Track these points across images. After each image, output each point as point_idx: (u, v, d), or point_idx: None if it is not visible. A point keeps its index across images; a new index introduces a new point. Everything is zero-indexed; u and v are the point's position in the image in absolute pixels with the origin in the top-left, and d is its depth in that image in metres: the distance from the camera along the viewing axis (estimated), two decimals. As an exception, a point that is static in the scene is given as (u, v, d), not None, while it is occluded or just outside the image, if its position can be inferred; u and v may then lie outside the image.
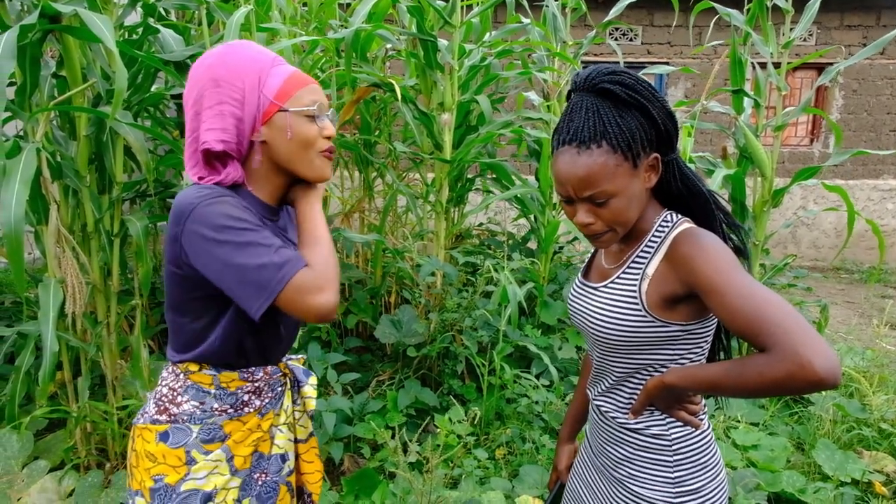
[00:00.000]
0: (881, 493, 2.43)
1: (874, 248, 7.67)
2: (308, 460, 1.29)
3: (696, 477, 1.09)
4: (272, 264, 0.94)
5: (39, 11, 1.79)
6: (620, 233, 1.06)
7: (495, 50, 3.48)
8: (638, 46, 7.65)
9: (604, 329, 1.08)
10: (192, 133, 1.05)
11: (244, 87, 1.02)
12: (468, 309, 3.00)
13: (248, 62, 1.03)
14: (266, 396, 1.18)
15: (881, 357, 3.73)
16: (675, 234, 1.02)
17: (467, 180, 3.93)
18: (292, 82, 1.05)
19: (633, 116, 0.99)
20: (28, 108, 2.05)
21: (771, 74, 3.35)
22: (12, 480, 2.19)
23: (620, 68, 1.02)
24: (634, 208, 1.04)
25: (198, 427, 1.10)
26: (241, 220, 0.96)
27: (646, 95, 1.00)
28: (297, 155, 1.06)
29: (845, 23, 7.61)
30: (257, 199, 1.09)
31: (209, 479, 1.10)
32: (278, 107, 1.03)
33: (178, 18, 3.07)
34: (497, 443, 2.68)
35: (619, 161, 0.99)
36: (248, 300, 0.95)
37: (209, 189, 1.00)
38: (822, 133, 7.87)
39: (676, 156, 1.07)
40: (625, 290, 1.06)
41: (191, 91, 1.04)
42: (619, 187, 1.00)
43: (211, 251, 0.95)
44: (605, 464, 1.18)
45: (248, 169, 1.08)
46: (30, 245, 2.91)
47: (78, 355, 2.46)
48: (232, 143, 1.04)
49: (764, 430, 2.85)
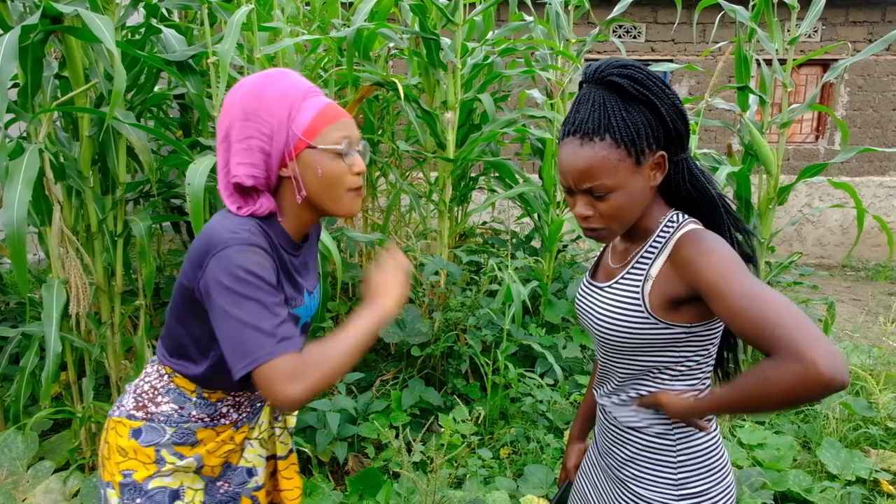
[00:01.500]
0: (888, 491, 2.41)
1: (880, 245, 7.63)
2: (287, 476, 1.29)
3: (700, 479, 1.07)
4: (270, 335, 0.93)
5: (41, 12, 1.79)
6: (617, 230, 1.04)
7: (498, 48, 3.47)
8: (642, 44, 7.62)
9: (607, 330, 1.07)
10: (224, 164, 1.05)
11: (273, 122, 1.01)
12: (472, 308, 3.00)
13: (278, 95, 1.02)
14: (244, 410, 1.19)
15: (888, 355, 3.71)
16: (679, 236, 1.00)
17: (471, 179, 3.92)
18: (322, 118, 1.03)
19: (639, 112, 0.97)
20: (31, 109, 2.05)
21: (776, 71, 3.33)
22: (17, 481, 2.19)
23: (632, 62, 0.99)
24: (635, 206, 1.01)
25: (172, 430, 1.11)
26: (260, 279, 0.95)
27: (655, 91, 0.97)
28: (325, 192, 1.05)
29: (851, 19, 7.56)
30: (284, 232, 1.08)
31: (175, 476, 1.11)
32: (306, 143, 1.02)
33: (180, 18, 3.06)
34: (501, 442, 2.67)
35: (622, 156, 0.97)
36: (232, 358, 0.94)
37: (246, 230, 0.99)
38: (827, 130, 7.83)
39: (687, 156, 1.04)
40: (628, 291, 1.04)
41: (223, 120, 1.04)
42: (618, 182, 0.98)
43: (221, 295, 0.94)
44: (609, 464, 1.17)
45: (279, 201, 1.08)
46: (33, 246, 2.92)
47: (82, 356, 2.46)
48: (261, 179, 1.03)
49: (770, 429, 2.83)
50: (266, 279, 0.96)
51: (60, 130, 2.43)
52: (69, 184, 2.25)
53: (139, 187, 2.56)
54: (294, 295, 1.11)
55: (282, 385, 0.91)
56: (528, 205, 3.63)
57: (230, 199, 1.05)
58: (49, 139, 2.19)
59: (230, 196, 1.05)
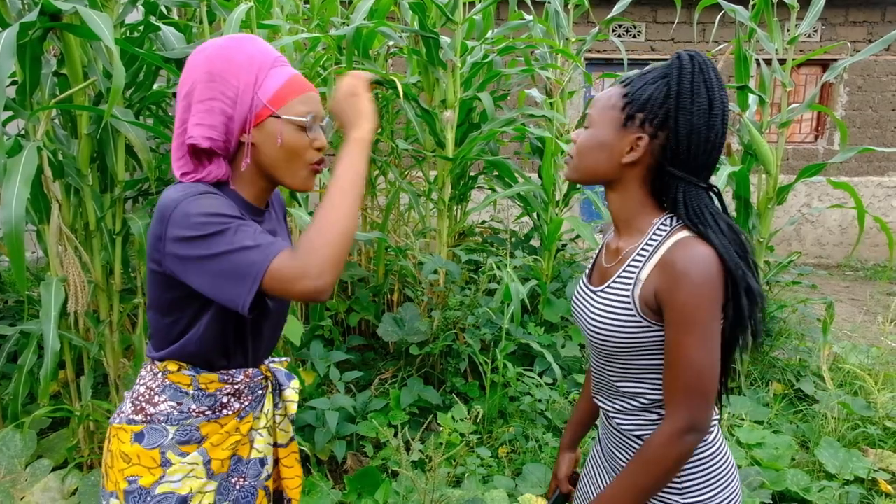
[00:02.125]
0: (886, 491, 2.42)
1: (879, 244, 7.63)
2: (288, 465, 1.27)
3: (706, 486, 1.06)
4: (253, 247, 0.90)
5: (40, 9, 1.78)
6: (576, 169, 1.09)
7: (498, 47, 3.47)
8: (641, 43, 7.62)
9: (599, 332, 1.07)
10: (181, 125, 1.02)
11: (239, 85, 0.99)
12: (471, 307, 3.00)
13: (246, 60, 1.00)
14: (246, 399, 1.16)
15: (886, 355, 3.72)
16: (670, 243, 1.00)
17: (470, 178, 3.92)
18: (289, 88, 1.02)
19: (658, 89, 0.99)
20: (29, 107, 2.04)
21: (776, 71, 3.33)
22: (16, 479, 2.19)
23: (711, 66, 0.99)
24: (596, 157, 1.05)
25: (174, 428, 1.08)
26: (220, 214, 0.93)
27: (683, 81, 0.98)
28: (283, 163, 1.03)
29: (850, 19, 7.56)
30: (241, 198, 1.06)
31: (184, 483, 1.08)
32: (271, 112, 1.00)
33: (179, 16, 3.05)
34: (500, 441, 2.68)
35: (617, 105, 1.03)
36: (230, 293, 0.90)
37: (193, 186, 0.98)
38: (826, 130, 7.83)
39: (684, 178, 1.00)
40: (619, 294, 1.04)
41: (185, 81, 1.01)
42: (598, 121, 1.05)
43: (192, 246, 0.92)
44: (614, 468, 1.17)
45: (235, 168, 1.06)
46: (32, 244, 2.92)
47: (80, 354, 2.46)
48: (219, 141, 1.01)
49: (768, 429, 2.84)
50: (226, 212, 0.93)
51: (59, 128, 2.42)
52: (68, 182, 2.24)
53: (138, 185, 2.55)
54: None
55: (297, 284, 0.88)
56: (528, 204, 3.63)
57: (180, 163, 1.03)
58: (47, 137, 2.18)
59: (181, 159, 1.02)
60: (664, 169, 1.01)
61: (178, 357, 1.08)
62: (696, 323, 0.95)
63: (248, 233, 0.92)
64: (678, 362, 0.97)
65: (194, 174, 1.02)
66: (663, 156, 1.01)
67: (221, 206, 0.94)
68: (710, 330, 0.96)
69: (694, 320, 0.95)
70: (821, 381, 3.32)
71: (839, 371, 3.45)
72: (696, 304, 0.95)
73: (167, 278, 1.00)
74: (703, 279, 0.95)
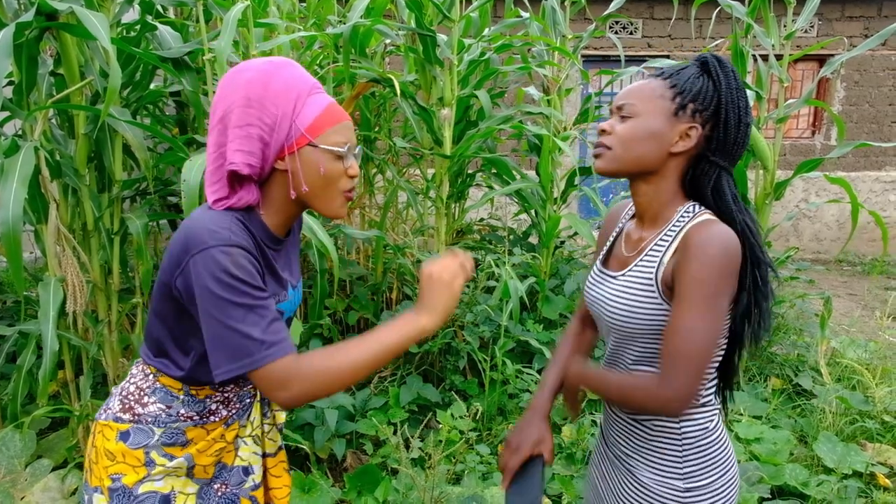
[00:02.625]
0: (884, 484, 2.43)
1: (876, 239, 7.65)
2: (276, 475, 1.28)
3: (706, 473, 1.09)
4: (258, 341, 0.92)
5: (36, 9, 1.78)
6: (618, 160, 1.07)
7: (494, 45, 3.47)
8: (638, 40, 7.62)
9: (620, 316, 1.09)
10: (217, 148, 1.01)
11: (277, 112, 0.98)
12: (470, 304, 3.00)
13: (284, 86, 0.99)
14: (234, 407, 1.16)
15: (884, 349, 3.73)
16: (690, 226, 1.03)
17: (468, 176, 3.91)
18: (326, 117, 1.01)
19: (706, 83, 1.05)
20: (26, 107, 2.04)
21: (773, 66, 3.33)
22: (15, 479, 2.19)
23: (732, 65, 1.07)
24: (646, 147, 1.05)
25: (161, 430, 1.09)
26: (245, 283, 0.93)
27: (728, 80, 1.04)
28: (319, 191, 1.04)
29: (847, 14, 7.57)
30: (265, 227, 1.06)
31: (166, 481, 1.09)
32: (308, 140, 1.00)
33: (175, 15, 3.05)
34: (499, 438, 2.68)
35: (666, 96, 1.05)
36: (218, 360, 0.93)
37: (227, 229, 0.96)
38: (824, 125, 7.84)
39: (722, 163, 1.06)
40: (642, 277, 1.07)
41: (220, 103, 1.00)
42: (646, 112, 1.05)
43: (206, 299, 0.93)
44: (617, 455, 1.19)
45: (265, 194, 1.05)
46: (30, 244, 2.91)
47: (79, 354, 2.46)
48: (256, 168, 1.00)
49: (767, 423, 2.84)
50: (250, 281, 0.94)
51: (56, 128, 2.42)
52: (65, 181, 2.24)
53: (135, 185, 2.56)
54: (277, 290, 1.09)
55: (276, 392, 0.93)
56: (526, 201, 3.63)
57: (215, 187, 1.02)
58: (45, 137, 2.18)
59: (216, 183, 1.02)
60: (705, 158, 1.06)
61: (166, 374, 1.10)
62: (702, 294, 0.97)
63: (261, 319, 0.93)
64: (678, 329, 0.98)
65: (226, 200, 1.01)
66: (708, 146, 1.06)
67: (248, 273, 0.95)
68: (716, 305, 0.98)
69: (701, 291, 0.97)
70: (819, 375, 3.33)
71: (837, 366, 3.46)
72: (705, 275, 0.97)
73: (177, 302, 1.01)
74: (716, 253, 0.97)
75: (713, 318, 0.98)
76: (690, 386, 0.98)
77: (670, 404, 1.00)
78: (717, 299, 0.98)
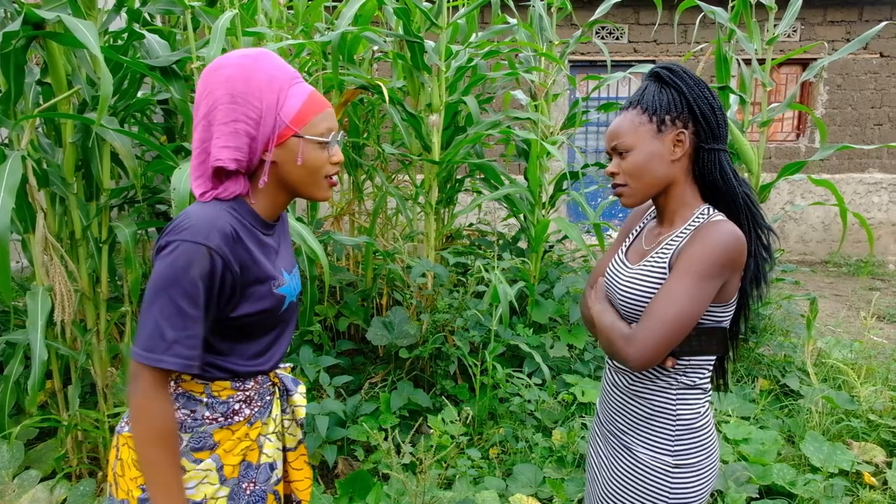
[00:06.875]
0: (870, 483, 2.46)
1: (861, 241, 7.74)
2: (297, 468, 1.29)
3: (694, 452, 1.19)
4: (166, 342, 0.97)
5: (23, 18, 1.78)
6: (637, 188, 1.18)
7: (482, 51, 3.49)
8: (624, 45, 7.68)
9: (629, 300, 1.18)
10: (201, 143, 1.04)
11: (262, 106, 1.01)
12: (459, 309, 3.01)
13: (266, 79, 1.02)
14: (255, 405, 1.18)
15: (869, 349, 3.77)
16: (704, 221, 1.15)
17: (456, 181, 3.93)
18: (309, 107, 1.05)
19: (669, 93, 1.15)
20: (13, 116, 2.03)
21: (756, 71, 3.38)
22: (3, 491, 2.17)
23: (676, 64, 1.19)
24: (654, 170, 1.16)
25: (188, 436, 1.10)
26: (193, 288, 0.98)
27: (685, 80, 1.15)
28: (306, 179, 1.08)
29: (828, 18, 7.68)
30: (255, 213, 1.10)
31: (199, 489, 1.09)
32: (293, 132, 1.03)
33: (163, 23, 3.05)
34: (490, 442, 2.69)
35: (644, 121, 1.16)
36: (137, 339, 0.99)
37: (206, 225, 1.00)
38: (807, 128, 7.94)
39: (719, 147, 1.17)
40: (655, 268, 1.17)
41: (203, 98, 1.03)
42: (637, 142, 1.16)
43: (156, 281, 0.98)
44: (612, 431, 1.28)
45: (254, 184, 1.09)
46: (17, 253, 2.89)
47: (68, 363, 2.44)
48: (244, 162, 1.04)
49: (755, 424, 2.87)
50: (194, 292, 0.98)
51: (43, 137, 2.41)
52: (53, 190, 2.23)
53: (124, 193, 2.54)
54: (274, 274, 1.11)
55: (135, 389, 0.99)
56: (514, 206, 3.65)
57: (198, 181, 1.06)
58: (32, 146, 2.17)
59: (199, 177, 1.06)
60: (702, 150, 1.17)
61: None
62: (695, 270, 1.08)
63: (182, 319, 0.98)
64: (663, 293, 1.10)
65: (213, 192, 1.05)
66: (699, 139, 1.17)
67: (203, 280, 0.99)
68: (704, 286, 1.08)
69: (694, 268, 1.08)
70: (805, 376, 3.37)
71: (823, 366, 3.50)
72: (702, 256, 1.08)
73: None
74: (718, 242, 1.09)
75: (698, 295, 1.07)
76: (653, 349, 1.08)
77: (629, 359, 1.11)
78: (707, 281, 1.08)
